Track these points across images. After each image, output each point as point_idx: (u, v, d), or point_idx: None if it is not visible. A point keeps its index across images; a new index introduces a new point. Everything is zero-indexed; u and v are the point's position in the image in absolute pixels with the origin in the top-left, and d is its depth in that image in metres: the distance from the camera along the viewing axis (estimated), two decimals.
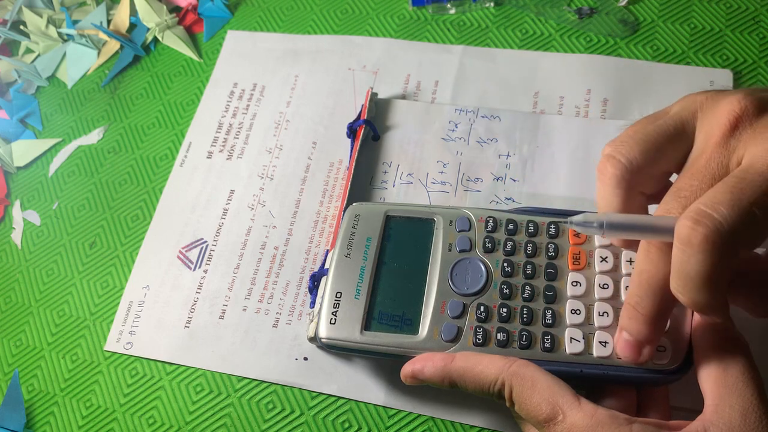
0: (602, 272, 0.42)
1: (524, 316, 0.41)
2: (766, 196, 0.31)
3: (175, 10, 0.67)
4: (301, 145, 0.58)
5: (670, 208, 0.35)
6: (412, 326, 0.42)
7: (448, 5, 0.61)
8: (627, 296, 0.38)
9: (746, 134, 0.34)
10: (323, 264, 0.51)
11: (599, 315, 0.40)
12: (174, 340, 0.51)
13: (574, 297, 0.41)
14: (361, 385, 0.48)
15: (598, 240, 0.43)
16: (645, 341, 0.38)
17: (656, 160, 0.38)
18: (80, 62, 0.67)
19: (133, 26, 0.67)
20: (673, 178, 0.38)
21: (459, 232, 0.45)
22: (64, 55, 0.68)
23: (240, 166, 0.58)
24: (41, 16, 0.69)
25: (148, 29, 0.66)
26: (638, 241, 0.37)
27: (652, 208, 0.38)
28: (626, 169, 0.38)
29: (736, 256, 0.32)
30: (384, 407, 0.47)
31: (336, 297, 0.44)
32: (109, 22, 0.68)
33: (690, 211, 0.32)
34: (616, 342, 0.39)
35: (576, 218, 0.37)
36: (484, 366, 0.39)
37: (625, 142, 0.38)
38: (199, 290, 0.53)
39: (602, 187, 0.39)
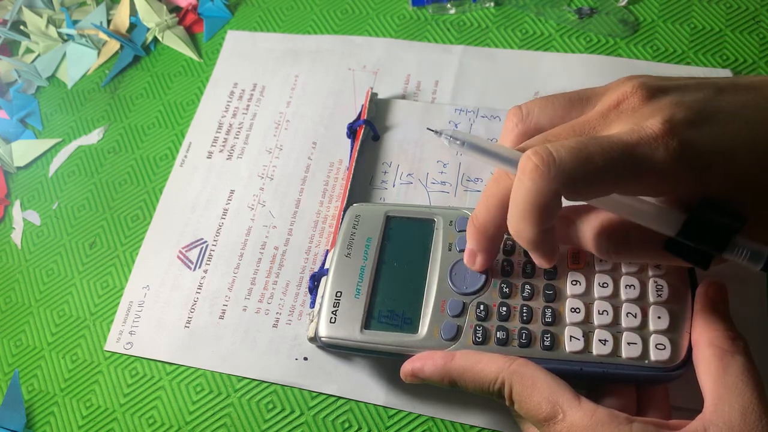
0: (601, 271, 0.42)
1: (524, 314, 0.41)
2: (606, 156, 0.33)
3: (175, 10, 0.67)
4: (301, 145, 0.58)
5: (530, 143, 0.37)
6: (412, 325, 0.42)
7: (448, 5, 0.61)
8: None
9: (625, 114, 0.36)
10: (323, 264, 0.51)
11: (599, 313, 0.40)
12: (174, 340, 0.51)
13: (574, 296, 0.41)
14: (361, 385, 0.48)
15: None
16: (477, 250, 0.42)
17: (552, 119, 0.40)
18: (80, 62, 0.67)
19: (133, 26, 0.67)
20: None
21: (459, 232, 0.45)
22: (64, 55, 0.68)
23: (240, 166, 0.58)
24: (41, 16, 0.69)
25: (148, 29, 0.66)
26: None
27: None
28: (521, 119, 0.41)
29: (559, 197, 0.34)
30: (384, 407, 0.47)
31: (336, 296, 0.44)
32: (109, 22, 0.68)
33: (537, 146, 0.34)
34: None
35: (446, 131, 0.39)
36: (484, 365, 0.39)
37: (534, 101, 0.41)
38: (199, 290, 0.53)
39: (502, 130, 0.42)
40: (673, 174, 0.34)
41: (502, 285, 0.42)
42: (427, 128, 0.43)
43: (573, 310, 0.41)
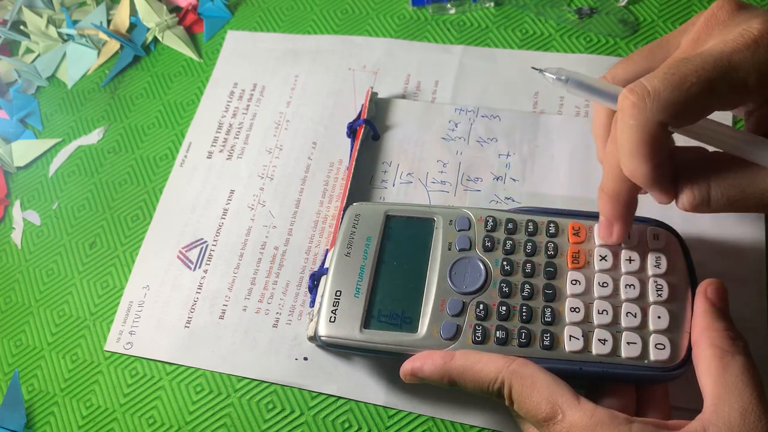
0: (601, 271, 0.42)
1: (523, 314, 0.41)
2: (701, 72, 0.33)
3: (175, 10, 0.67)
4: (301, 145, 0.58)
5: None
6: (412, 324, 0.42)
7: (448, 5, 0.61)
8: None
9: (716, 30, 0.36)
10: (323, 263, 0.50)
11: (598, 313, 0.40)
12: (174, 340, 0.51)
13: (574, 295, 0.41)
14: (361, 385, 0.48)
15: (597, 239, 0.43)
16: (613, 218, 0.41)
17: (639, 72, 0.39)
18: (80, 62, 0.67)
19: (133, 26, 0.67)
20: None
21: (459, 231, 0.45)
22: (64, 55, 0.68)
23: (240, 166, 0.58)
24: (41, 16, 0.69)
25: (148, 29, 0.66)
26: None
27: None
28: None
29: (664, 128, 0.34)
30: (384, 407, 0.47)
31: (336, 295, 0.44)
32: (109, 22, 0.68)
33: (631, 83, 0.34)
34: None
35: (550, 69, 0.39)
36: (484, 364, 0.39)
37: (614, 65, 0.41)
38: (199, 290, 0.53)
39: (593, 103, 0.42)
40: None
41: (502, 284, 0.42)
42: (532, 67, 0.43)
43: (573, 309, 0.41)
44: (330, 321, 0.43)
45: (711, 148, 0.38)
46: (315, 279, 0.50)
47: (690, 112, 0.34)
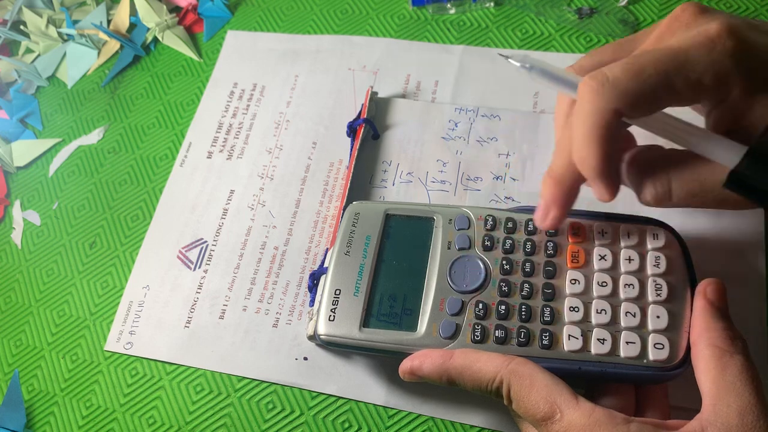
0: (601, 270, 0.42)
1: (523, 313, 0.41)
2: (658, 63, 0.33)
3: (175, 10, 0.67)
4: (301, 145, 0.58)
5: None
6: (411, 323, 0.42)
7: (448, 5, 0.61)
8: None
9: (679, 31, 0.37)
10: (323, 262, 0.51)
11: (597, 312, 0.40)
12: (174, 340, 0.51)
13: (573, 294, 0.41)
14: (361, 384, 0.48)
15: (597, 239, 0.43)
16: (551, 203, 0.40)
17: (602, 63, 0.39)
18: (80, 62, 0.67)
19: (133, 26, 0.67)
20: None
21: (458, 230, 0.45)
22: (64, 55, 0.68)
23: (240, 166, 0.58)
24: (41, 16, 0.69)
25: (148, 29, 0.66)
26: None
27: None
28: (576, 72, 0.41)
29: (618, 116, 0.34)
30: (384, 407, 0.47)
31: (335, 294, 0.44)
32: (109, 22, 0.68)
33: (593, 72, 0.35)
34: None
35: (516, 55, 0.40)
36: (483, 363, 0.39)
37: (583, 56, 0.42)
38: (199, 290, 0.53)
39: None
40: (729, 76, 0.34)
41: (501, 284, 0.42)
42: (498, 53, 0.44)
43: (572, 309, 0.41)
44: (329, 320, 0.43)
45: (668, 145, 0.38)
46: (315, 278, 0.50)
47: (646, 102, 0.35)
